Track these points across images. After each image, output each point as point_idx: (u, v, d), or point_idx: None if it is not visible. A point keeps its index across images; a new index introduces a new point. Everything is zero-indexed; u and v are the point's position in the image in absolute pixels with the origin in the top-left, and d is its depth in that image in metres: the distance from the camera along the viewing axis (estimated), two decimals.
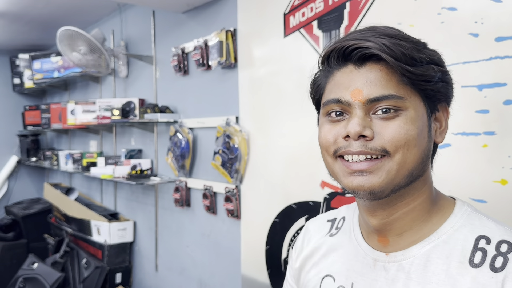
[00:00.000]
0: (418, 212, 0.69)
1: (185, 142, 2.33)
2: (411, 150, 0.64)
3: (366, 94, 0.64)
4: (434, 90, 0.66)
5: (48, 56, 3.73)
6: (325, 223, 0.87)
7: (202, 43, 2.16)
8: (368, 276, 0.72)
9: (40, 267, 2.99)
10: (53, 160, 3.90)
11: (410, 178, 0.65)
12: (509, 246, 0.62)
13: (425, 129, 0.66)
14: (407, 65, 0.63)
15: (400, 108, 0.64)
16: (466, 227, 0.66)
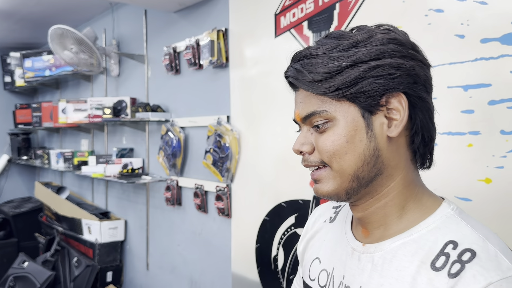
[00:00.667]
0: (390, 208, 0.70)
1: (177, 141, 2.33)
2: (343, 157, 0.67)
3: (300, 113, 0.71)
4: (357, 91, 0.66)
5: (39, 55, 3.72)
6: (330, 209, 0.91)
7: (193, 43, 2.17)
8: (345, 263, 0.75)
9: (30, 265, 2.98)
10: (44, 158, 3.89)
11: (359, 180, 0.68)
12: (471, 255, 0.60)
13: (360, 132, 0.67)
14: (318, 82, 0.66)
15: (329, 119, 0.68)
16: (440, 230, 0.66)
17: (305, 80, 0.68)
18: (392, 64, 0.65)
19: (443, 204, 0.69)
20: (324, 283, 0.79)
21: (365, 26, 0.70)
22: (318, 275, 0.81)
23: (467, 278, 0.58)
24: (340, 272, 0.76)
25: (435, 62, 1.18)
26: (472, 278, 0.57)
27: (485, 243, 0.61)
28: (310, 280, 0.84)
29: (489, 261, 0.59)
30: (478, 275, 0.57)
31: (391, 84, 0.66)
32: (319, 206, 0.95)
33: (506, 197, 1.04)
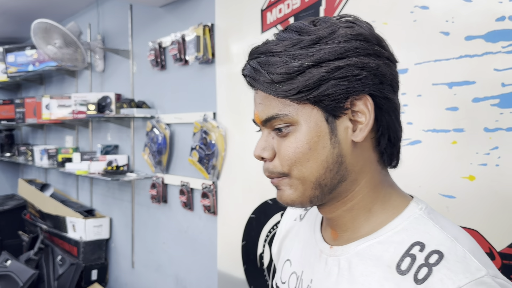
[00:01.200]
0: (357, 210, 0.67)
1: (162, 138, 2.31)
2: (304, 164, 0.63)
3: (260, 116, 0.66)
4: (320, 94, 0.61)
5: (22, 49, 3.65)
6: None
7: (179, 38, 2.14)
8: (313, 266, 0.72)
9: (13, 264, 2.93)
10: (28, 155, 3.83)
11: (321, 188, 0.64)
12: (439, 257, 0.57)
13: (324, 137, 0.62)
14: (278, 83, 0.61)
15: (291, 123, 0.63)
16: (407, 231, 0.62)
17: (264, 81, 0.62)
18: (357, 64, 0.61)
19: (411, 204, 0.66)
20: (293, 287, 0.75)
21: (327, 18, 0.65)
22: (289, 278, 0.78)
23: (434, 283, 0.55)
24: (308, 275, 0.72)
25: (420, 59, 1.18)
26: (440, 283, 0.55)
27: (453, 243, 0.58)
28: (281, 283, 0.80)
29: (457, 262, 0.56)
30: (446, 279, 0.54)
31: (356, 86, 0.61)
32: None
33: (489, 194, 1.05)
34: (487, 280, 0.54)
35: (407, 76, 1.20)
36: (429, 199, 1.15)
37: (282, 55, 0.61)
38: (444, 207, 1.13)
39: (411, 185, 1.19)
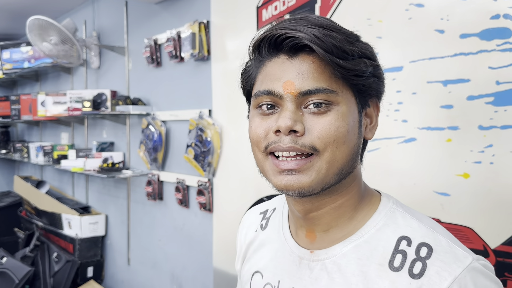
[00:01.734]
0: (345, 208, 0.67)
1: (158, 135, 2.30)
2: (340, 147, 0.61)
3: (298, 86, 0.61)
4: (366, 85, 0.63)
5: (17, 46, 3.63)
6: (257, 216, 0.86)
7: (175, 35, 2.14)
8: (294, 274, 0.70)
9: (9, 261, 2.92)
10: (23, 152, 3.81)
11: (340, 176, 0.63)
12: (428, 250, 0.60)
13: (356, 125, 0.64)
14: (339, 58, 0.59)
15: (332, 103, 0.61)
16: (389, 227, 0.64)
17: (331, 49, 0.59)
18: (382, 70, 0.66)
19: (383, 199, 0.69)
20: None
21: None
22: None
23: (432, 277, 0.57)
24: (288, 284, 0.70)
25: (415, 57, 1.18)
26: (437, 276, 0.57)
27: (435, 234, 0.62)
28: None
29: (446, 253, 0.59)
30: (442, 271, 0.57)
31: (381, 88, 0.67)
32: (246, 216, 0.90)
33: (484, 191, 1.05)
34: (475, 264, 0.58)
35: (402, 74, 1.20)
36: (424, 197, 1.16)
37: (340, 34, 0.61)
38: (438, 205, 1.13)
39: (405, 183, 1.20)
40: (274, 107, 0.64)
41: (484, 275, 0.59)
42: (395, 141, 1.22)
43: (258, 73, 0.67)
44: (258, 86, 0.66)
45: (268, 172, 0.65)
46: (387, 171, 1.24)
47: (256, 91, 0.65)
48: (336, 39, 0.59)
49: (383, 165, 1.25)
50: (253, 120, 0.66)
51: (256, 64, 0.68)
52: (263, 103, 0.64)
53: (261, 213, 0.86)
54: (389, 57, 1.23)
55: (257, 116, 0.65)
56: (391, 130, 1.23)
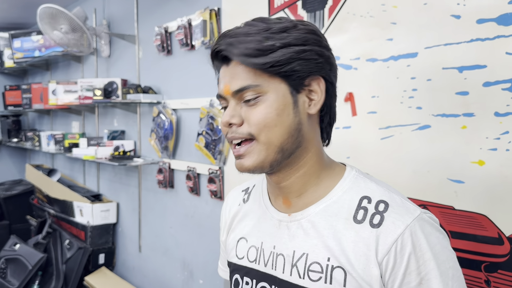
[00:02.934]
0: (309, 176, 0.80)
1: (169, 123, 2.31)
2: (272, 130, 0.74)
3: (231, 87, 0.75)
4: (288, 71, 0.74)
5: (28, 35, 3.65)
6: (240, 193, 0.98)
7: (185, 23, 2.13)
8: (274, 235, 0.83)
9: (22, 248, 2.97)
10: (34, 141, 3.85)
11: (283, 152, 0.76)
12: (385, 205, 0.74)
13: (288, 107, 0.75)
14: (255, 57, 0.72)
15: (260, 94, 0.74)
16: (352, 189, 0.78)
17: (242, 53, 0.72)
18: (317, 51, 0.75)
19: (347, 169, 0.82)
20: (254, 258, 0.86)
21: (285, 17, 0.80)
22: (247, 252, 0.88)
23: (389, 225, 0.72)
24: (270, 244, 0.84)
25: (430, 43, 1.16)
26: (392, 225, 0.71)
27: (390, 193, 0.76)
28: (238, 259, 0.90)
29: (399, 207, 0.73)
30: (396, 221, 0.72)
31: (315, 68, 0.76)
32: (229, 195, 1.01)
33: (499, 179, 1.04)
34: (423, 216, 0.73)
35: (416, 60, 1.19)
36: (437, 184, 1.15)
37: (256, 36, 0.73)
38: (452, 192, 1.12)
39: (419, 170, 1.19)
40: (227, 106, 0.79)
41: (429, 224, 0.73)
42: (409, 128, 1.21)
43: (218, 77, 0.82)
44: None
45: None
46: (400, 159, 1.23)
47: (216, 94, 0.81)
48: (249, 42, 0.72)
49: (396, 152, 1.24)
50: None
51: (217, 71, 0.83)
52: (220, 103, 0.80)
53: (243, 190, 0.98)
54: (403, 43, 1.22)
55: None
56: (405, 117, 1.22)
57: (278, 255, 0.82)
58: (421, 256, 0.70)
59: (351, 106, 1.36)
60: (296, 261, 0.79)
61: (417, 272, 0.70)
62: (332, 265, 0.74)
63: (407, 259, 0.70)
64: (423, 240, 0.71)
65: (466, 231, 1.10)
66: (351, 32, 1.36)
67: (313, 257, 0.77)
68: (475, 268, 1.08)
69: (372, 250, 0.72)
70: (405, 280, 0.70)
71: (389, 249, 0.70)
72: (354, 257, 0.73)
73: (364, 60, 1.32)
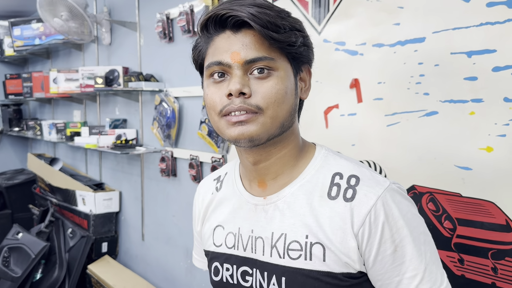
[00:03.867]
0: (288, 157, 0.82)
1: (171, 112, 2.29)
2: (281, 106, 0.74)
3: (243, 56, 0.73)
4: (298, 53, 0.77)
5: (28, 23, 3.61)
6: (211, 182, 0.98)
7: (187, 9, 2.10)
8: (251, 219, 0.85)
9: (25, 236, 2.97)
10: (36, 130, 3.84)
11: (282, 128, 0.77)
12: (356, 179, 0.77)
13: (293, 87, 0.78)
14: (273, 31, 0.71)
15: (272, 69, 0.74)
16: (324, 167, 0.81)
17: (265, 25, 0.71)
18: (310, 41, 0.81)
19: (317, 148, 0.85)
20: (232, 244, 0.87)
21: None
22: (225, 239, 0.89)
23: (361, 198, 0.75)
24: (247, 228, 0.85)
25: (438, 27, 1.14)
26: (365, 197, 0.74)
27: (360, 168, 0.79)
28: (215, 247, 0.90)
29: (369, 180, 0.77)
30: (368, 193, 0.75)
31: (310, 56, 0.81)
32: (200, 185, 1.02)
33: (508, 165, 1.03)
34: (392, 186, 0.76)
35: (424, 45, 1.17)
36: (444, 171, 1.14)
37: (274, 12, 0.73)
38: (459, 179, 1.11)
39: (425, 157, 1.18)
40: (224, 75, 0.76)
41: (399, 193, 0.76)
42: (415, 114, 1.19)
43: (208, 48, 0.78)
44: (209, 59, 0.77)
45: (222, 128, 0.76)
46: (407, 145, 1.22)
47: (208, 63, 0.77)
48: (269, 16, 0.71)
49: (403, 139, 1.22)
50: (208, 88, 0.78)
51: (205, 40, 0.79)
52: (215, 72, 0.76)
53: (215, 179, 0.98)
54: (411, 28, 1.20)
55: (211, 84, 0.77)
56: (412, 103, 1.20)
57: (257, 238, 0.83)
58: (394, 224, 0.73)
59: (356, 92, 1.34)
60: (275, 242, 0.80)
61: (391, 240, 0.73)
62: (311, 242, 0.77)
63: (381, 228, 0.73)
64: (395, 209, 0.74)
65: (474, 218, 1.09)
66: (357, 17, 1.34)
67: (292, 236, 0.79)
68: (482, 255, 1.07)
69: (348, 223, 0.74)
70: (381, 249, 0.74)
71: (364, 220, 0.73)
72: (331, 232, 0.75)
73: (370, 46, 1.30)
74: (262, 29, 0.71)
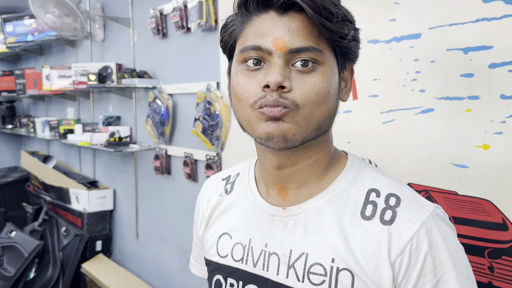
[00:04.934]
0: (318, 165, 0.71)
1: (165, 109, 2.27)
2: (319, 106, 0.64)
3: (288, 43, 0.62)
4: (347, 47, 0.66)
5: (21, 19, 3.57)
6: (219, 182, 0.87)
7: (181, 4, 2.07)
8: (266, 231, 0.73)
9: (18, 235, 2.95)
10: (29, 127, 3.80)
11: (318, 131, 0.67)
12: (396, 199, 0.67)
13: (336, 86, 0.67)
14: (325, 19, 0.61)
15: (318, 62, 0.64)
16: (358, 181, 0.70)
17: (319, 10, 0.61)
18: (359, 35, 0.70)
19: (349, 158, 0.74)
20: (240, 257, 0.76)
21: None
22: (231, 250, 0.77)
23: (402, 222, 0.64)
24: (260, 241, 0.74)
25: (434, 23, 1.12)
26: (407, 221, 0.64)
27: (400, 186, 0.69)
28: (219, 257, 0.79)
29: (412, 202, 0.67)
30: (411, 217, 0.65)
31: (357, 52, 0.70)
32: (206, 183, 0.91)
33: (504, 163, 1.01)
34: (437, 211, 0.67)
35: (420, 42, 1.15)
36: (441, 169, 1.12)
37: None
38: (456, 177, 1.10)
39: (421, 155, 1.16)
40: (261, 63, 0.65)
41: (443, 220, 0.67)
42: (411, 111, 1.18)
43: (243, 29, 0.67)
44: (244, 41, 0.66)
45: (253, 123, 0.66)
46: (402, 143, 1.20)
47: (243, 46, 0.66)
48: (326, 2, 0.61)
49: (398, 136, 1.21)
50: (238, 76, 0.67)
51: (241, 19, 0.68)
52: (250, 57, 0.65)
53: (224, 179, 0.87)
54: (406, 24, 1.18)
55: (243, 72, 0.66)
56: (408, 100, 1.18)
57: (271, 254, 0.72)
58: (438, 256, 0.64)
59: (352, 89, 1.32)
60: (293, 262, 0.69)
61: (433, 273, 0.64)
62: (338, 267, 0.66)
63: (423, 259, 0.63)
64: (439, 238, 0.64)
65: (470, 217, 1.07)
66: (352, 13, 1.32)
67: (314, 257, 0.68)
68: (479, 254, 1.06)
69: (384, 250, 0.64)
70: (420, 282, 0.64)
71: (404, 248, 0.63)
72: (363, 258, 0.65)
73: (366, 42, 1.28)
74: (315, 14, 0.60)
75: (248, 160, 0.87)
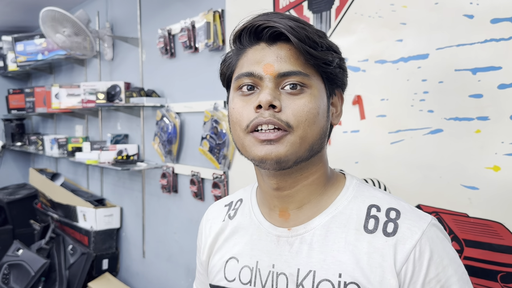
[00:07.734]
0: (316, 185, 0.75)
1: (172, 127, 2.27)
2: (311, 126, 0.69)
3: (277, 68, 0.68)
4: (333, 73, 0.72)
5: (31, 38, 3.63)
6: (222, 208, 0.90)
7: (189, 25, 2.10)
8: (272, 253, 0.76)
9: (25, 253, 2.94)
10: (38, 145, 3.83)
11: (311, 152, 0.71)
12: (396, 212, 0.71)
13: (325, 109, 0.72)
14: (310, 47, 0.68)
15: (306, 85, 0.69)
16: (358, 198, 0.74)
17: (303, 39, 0.67)
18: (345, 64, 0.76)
19: (347, 177, 0.78)
20: (247, 280, 0.78)
21: None
22: (239, 273, 0.79)
23: (405, 232, 0.68)
24: (267, 262, 0.76)
25: (442, 44, 1.12)
26: (409, 231, 0.68)
27: (398, 201, 0.73)
28: (227, 281, 0.81)
29: (411, 214, 0.71)
30: (412, 227, 0.68)
31: (345, 80, 0.77)
32: (209, 210, 0.93)
33: None
34: (434, 221, 0.71)
35: (428, 62, 1.15)
36: (450, 191, 1.11)
37: (313, 29, 0.70)
38: (466, 199, 1.08)
39: (430, 176, 1.15)
40: (254, 88, 0.70)
41: (440, 229, 0.71)
42: (420, 132, 1.17)
43: (238, 60, 0.74)
44: (239, 70, 0.73)
45: (248, 146, 0.70)
46: (411, 164, 1.19)
47: (238, 74, 0.72)
48: (307, 31, 0.68)
49: (407, 157, 1.20)
50: (234, 101, 0.72)
51: (236, 53, 0.75)
52: (244, 84, 0.71)
53: (226, 205, 0.90)
54: (414, 44, 1.18)
55: (238, 97, 0.72)
56: (416, 121, 1.17)
57: (279, 275, 0.74)
58: (440, 263, 0.67)
59: (359, 109, 1.32)
60: (301, 280, 0.72)
61: (437, 279, 0.67)
62: (345, 282, 0.68)
63: (427, 266, 0.67)
64: (439, 245, 0.68)
65: (481, 240, 1.05)
66: (359, 33, 1.32)
67: (322, 274, 0.70)
68: (491, 278, 1.03)
69: (388, 260, 0.67)
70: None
71: (407, 256, 0.67)
72: (370, 270, 0.68)
73: (373, 62, 1.28)
74: (300, 43, 0.67)
75: (249, 186, 0.90)
